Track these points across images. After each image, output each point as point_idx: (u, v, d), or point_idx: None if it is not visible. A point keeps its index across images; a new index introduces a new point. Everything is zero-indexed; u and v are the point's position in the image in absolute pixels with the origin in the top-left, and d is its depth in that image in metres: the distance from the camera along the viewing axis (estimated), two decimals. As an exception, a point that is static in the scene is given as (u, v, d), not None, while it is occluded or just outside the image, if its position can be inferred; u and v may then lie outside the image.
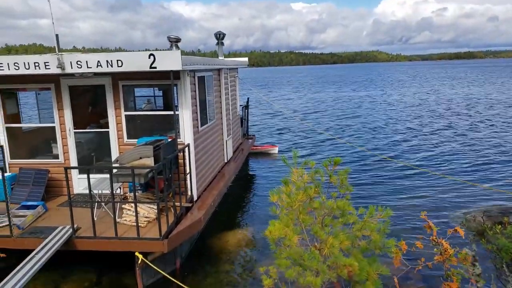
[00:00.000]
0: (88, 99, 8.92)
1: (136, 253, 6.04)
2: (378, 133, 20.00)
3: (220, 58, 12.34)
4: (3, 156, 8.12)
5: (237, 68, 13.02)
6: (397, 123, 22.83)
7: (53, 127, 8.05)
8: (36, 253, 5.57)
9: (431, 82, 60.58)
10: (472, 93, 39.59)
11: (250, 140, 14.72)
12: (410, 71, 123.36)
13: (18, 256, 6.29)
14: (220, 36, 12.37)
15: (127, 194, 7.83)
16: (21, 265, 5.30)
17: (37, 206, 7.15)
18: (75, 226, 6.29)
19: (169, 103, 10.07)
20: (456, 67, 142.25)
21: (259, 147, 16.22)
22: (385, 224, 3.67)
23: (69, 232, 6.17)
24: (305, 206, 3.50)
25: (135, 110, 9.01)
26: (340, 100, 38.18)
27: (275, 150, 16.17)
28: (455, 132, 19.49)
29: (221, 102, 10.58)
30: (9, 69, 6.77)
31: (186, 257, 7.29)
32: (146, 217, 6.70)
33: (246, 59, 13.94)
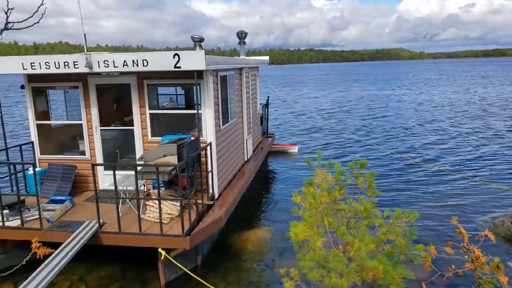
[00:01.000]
0: (113, 97, 9.15)
1: (159, 249, 6.19)
2: (407, 135, 19.31)
3: (241, 57, 12.42)
4: (34, 152, 8.42)
5: (257, 67, 13.08)
6: (428, 124, 22.00)
7: (80, 125, 8.29)
8: (65, 247, 5.78)
9: (463, 81, 58.27)
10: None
11: (269, 139, 14.78)
12: (436, 69, 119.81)
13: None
14: (242, 36, 12.43)
15: (150, 191, 8.01)
16: (51, 257, 5.51)
17: (65, 200, 7.40)
18: (100, 221, 6.49)
19: (191, 102, 10.23)
20: (485, 65, 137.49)
21: (279, 146, 16.24)
22: (412, 229, 3.64)
23: (95, 227, 6.37)
24: (330, 208, 3.52)
25: (158, 108, 9.18)
26: (368, 100, 36.67)
27: (295, 149, 16.16)
28: (489, 134, 18.76)
29: (242, 101, 10.66)
30: (40, 68, 7.02)
31: (207, 254, 7.41)
32: (169, 214, 6.84)
33: (267, 57, 13.99)
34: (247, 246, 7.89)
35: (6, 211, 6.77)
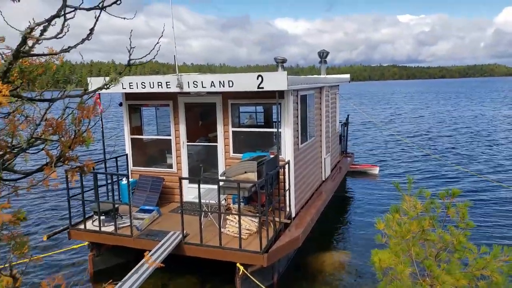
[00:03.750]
0: (198, 115, 9.69)
1: (238, 264, 6.32)
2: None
3: (322, 75, 12.39)
4: (127, 164, 9.20)
5: (338, 85, 12.93)
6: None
7: (169, 140, 8.90)
8: (152, 254, 6.17)
9: None
10: None
11: (348, 158, 14.39)
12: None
13: (134, 254, 7.05)
14: (323, 55, 12.44)
15: (230, 205, 8.25)
16: (139, 264, 5.93)
17: (153, 210, 7.94)
18: (184, 232, 6.83)
19: (270, 120, 10.43)
20: None
21: (359, 166, 15.71)
22: (510, 266, 3.29)
23: (179, 238, 6.72)
24: (418, 237, 3.32)
25: (239, 126, 9.51)
26: (471, 121, 32.06)
27: (376, 170, 15.48)
28: None
29: (321, 120, 10.59)
30: (137, 88, 7.74)
31: (283, 273, 7.38)
32: (247, 230, 6.97)
33: (347, 75, 13.78)
34: (323, 268, 7.71)
35: (102, 217, 7.46)
